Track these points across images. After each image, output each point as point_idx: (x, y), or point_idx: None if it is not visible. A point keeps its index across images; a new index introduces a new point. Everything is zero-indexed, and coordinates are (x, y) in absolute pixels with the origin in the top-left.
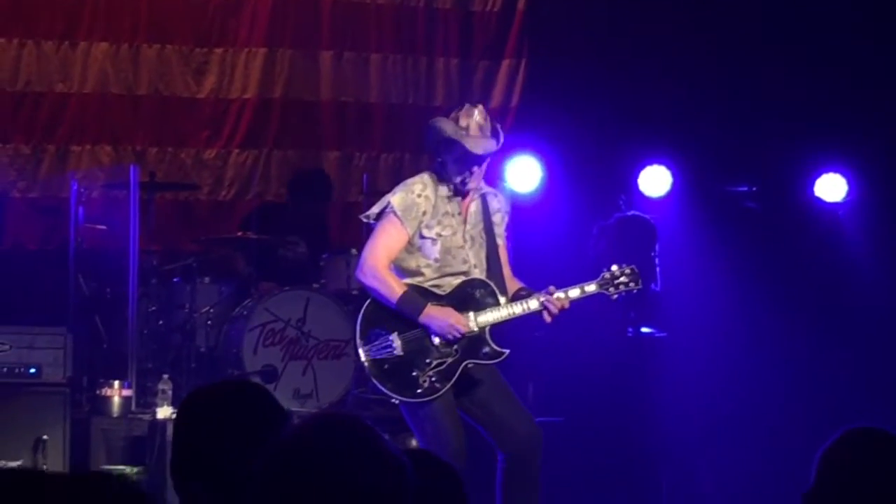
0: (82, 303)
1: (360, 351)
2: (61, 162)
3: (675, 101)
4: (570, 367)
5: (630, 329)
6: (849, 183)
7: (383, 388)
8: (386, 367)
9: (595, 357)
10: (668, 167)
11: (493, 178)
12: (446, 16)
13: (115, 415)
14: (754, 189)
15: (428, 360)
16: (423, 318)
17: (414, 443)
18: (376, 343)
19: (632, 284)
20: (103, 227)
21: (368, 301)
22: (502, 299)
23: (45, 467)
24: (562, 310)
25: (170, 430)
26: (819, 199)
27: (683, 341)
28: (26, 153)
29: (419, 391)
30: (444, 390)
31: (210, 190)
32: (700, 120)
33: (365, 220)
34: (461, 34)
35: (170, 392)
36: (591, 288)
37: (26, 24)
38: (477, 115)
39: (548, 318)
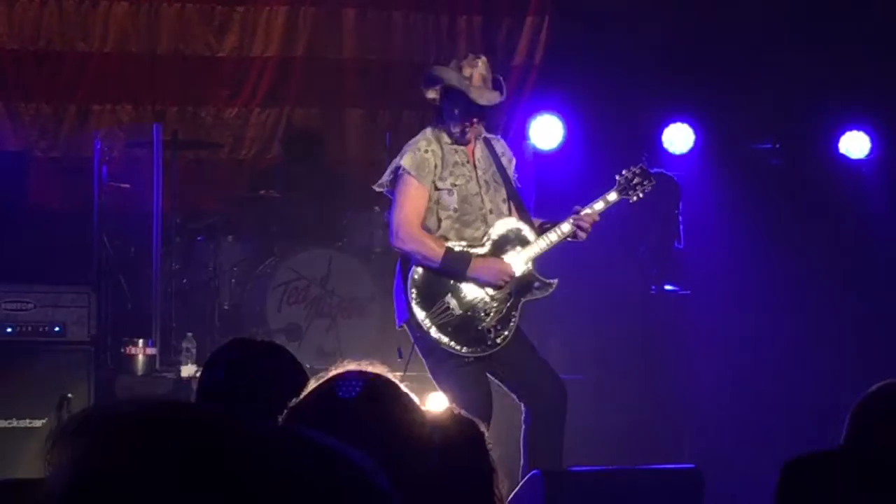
0: (106, 262)
1: (422, 320)
2: (82, 121)
3: (698, 58)
4: (594, 324)
5: (653, 286)
6: (872, 140)
7: (455, 349)
8: (450, 329)
9: (619, 314)
10: (692, 124)
11: (517, 136)
12: None
13: (139, 373)
14: (778, 146)
15: (487, 311)
16: (470, 272)
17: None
18: (434, 308)
19: (646, 183)
20: (127, 185)
21: (411, 269)
22: (533, 235)
23: None
24: (593, 224)
25: (194, 388)
26: (843, 156)
27: (707, 298)
28: (48, 112)
29: (489, 342)
30: (510, 334)
31: (231, 149)
32: (723, 77)
33: (379, 190)
34: None
35: (194, 350)
36: (612, 196)
37: None
38: (480, 65)
39: (583, 236)
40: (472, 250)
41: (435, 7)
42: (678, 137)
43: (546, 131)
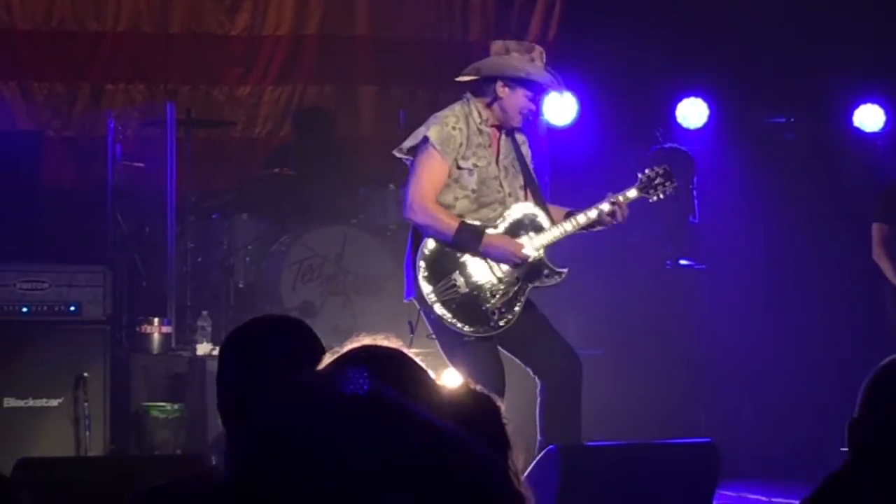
0: (121, 241)
1: (427, 294)
2: (95, 100)
3: (712, 32)
4: (610, 299)
5: (669, 261)
6: (887, 112)
7: (457, 327)
8: (454, 306)
9: (634, 289)
10: (705, 99)
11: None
12: None
13: (155, 352)
14: (792, 120)
15: (493, 292)
16: (483, 247)
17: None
18: (440, 284)
19: (668, 185)
20: (140, 164)
21: (423, 242)
22: (548, 222)
23: (86, 404)
24: (624, 216)
25: (209, 366)
26: (858, 130)
27: (722, 273)
28: (61, 92)
29: (492, 323)
30: (515, 318)
31: (244, 127)
32: (737, 51)
33: (398, 155)
34: None
35: (209, 329)
36: (632, 193)
37: None
38: (539, 57)
39: (608, 221)
40: (487, 229)
41: None
42: (692, 112)
43: (560, 108)
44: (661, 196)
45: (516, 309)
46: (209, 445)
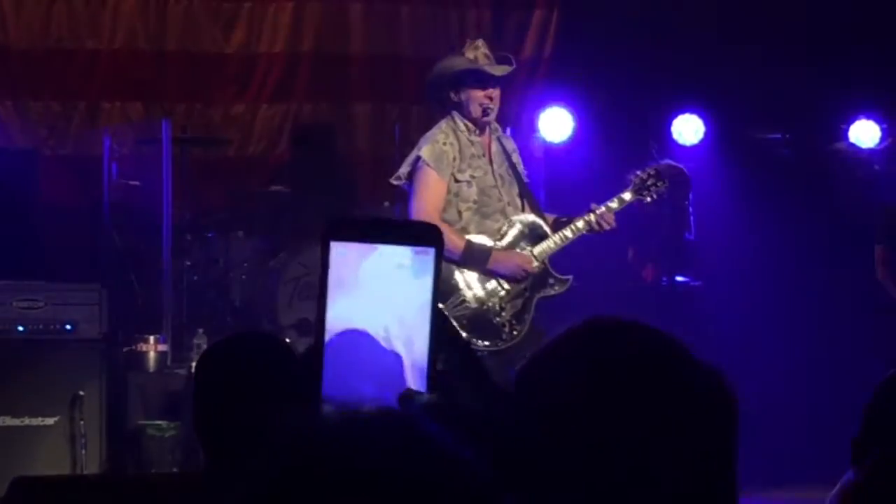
0: (117, 259)
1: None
2: (91, 118)
3: (707, 49)
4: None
5: (664, 278)
6: (882, 129)
7: (469, 343)
8: (465, 322)
9: (630, 306)
10: (701, 116)
11: (527, 129)
12: None
13: (150, 370)
14: (788, 136)
15: (502, 305)
16: (490, 265)
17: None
18: (449, 302)
19: (660, 184)
20: (136, 182)
21: None
22: (549, 231)
23: (82, 423)
24: (608, 223)
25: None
26: (853, 146)
27: (718, 290)
28: (57, 110)
29: (504, 336)
30: (525, 330)
31: (239, 145)
32: (732, 67)
33: (396, 183)
34: None
35: (205, 346)
36: (627, 196)
37: None
38: (481, 46)
39: (597, 229)
40: (491, 243)
41: (443, 1)
42: (688, 129)
43: (556, 124)
44: (655, 196)
45: (526, 319)
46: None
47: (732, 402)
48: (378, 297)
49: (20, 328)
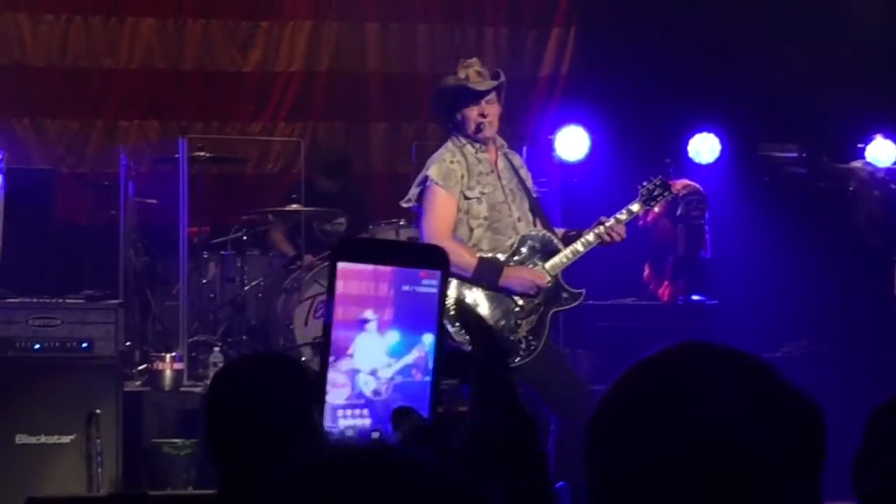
0: (133, 277)
1: (453, 333)
2: (109, 137)
3: (723, 68)
4: (622, 334)
5: (681, 296)
6: None
7: None
8: None
9: (646, 324)
10: (717, 134)
11: (544, 147)
12: None
13: (166, 388)
14: (804, 155)
15: (517, 321)
16: (502, 282)
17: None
18: None
19: (666, 194)
20: (153, 201)
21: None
22: (560, 245)
23: (98, 441)
24: (619, 235)
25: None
26: (870, 164)
27: (734, 308)
28: (74, 129)
29: (521, 352)
30: (541, 345)
31: (256, 163)
32: (749, 86)
33: (407, 206)
34: (510, 3)
35: (221, 365)
36: (635, 207)
37: (74, 1)
38: (474, 64)
39: (608, 241)
40: (503, 259)
41: (461, 19)
42: (704, 147)
43: (572, 143)
44: (662, 205)
45: (542, 334)
46: None
47: (824, 438)
48: (385, 319)
49: (37, 346)
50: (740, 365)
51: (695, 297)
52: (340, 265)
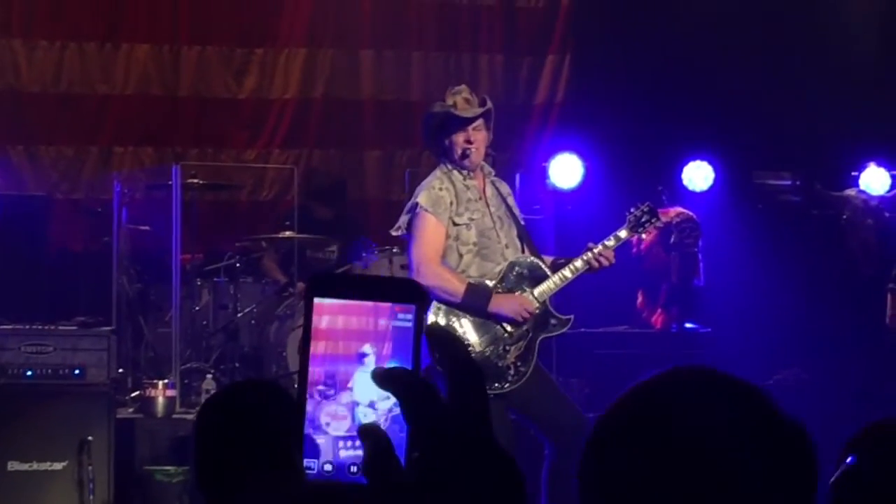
0: (126, 303)
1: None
2: (104, 163)
3: (717, 96)
4: (615, 362)
5: (674, 324)
6: (893, 176)
7: None
8: None
9: (639, 352)
10: (711, 162)
11: (538, 175)
12: (490, 12)
13: (159, 415)
14: (798, 182)
15: (506, 347)
16: (491, 308)
17: None
18: None
19: (654, 220)
20: (146, 227)
21: (430, 307)
22: (548, 272)
23: (90, 468)
24: (607, 260)
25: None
26: (864, 192)
27: (727, 336)
28: (69, 155)
29: (510, 378)
30: (530, 371)
31: (250, 190)
32: (742, 114)
33: (397, 234)
34: (505, 30)
35: (213, 391)
36: (623, 234)
37: (69, 27)
38: (463, 92)
39: (596, 267)
40: (491, 286)
41: (456, 46)
42: (697, 175)
43: (566, 170)
44: (649, 232)
45: (530, 360)
46: None
47: (814, 465)
48: (384, 353)
49: (29, 373)
50: (732, 390)
51: (688, 325)
52: (316, 301)
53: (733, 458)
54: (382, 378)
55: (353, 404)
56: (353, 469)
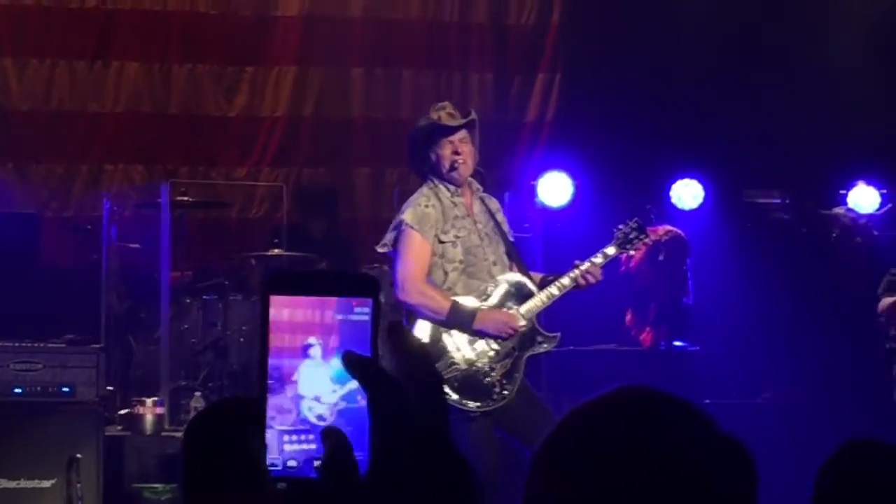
0: (115, 321)
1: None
2: (94, 181)
3: (706, 114)
4: (604, 380)
5: (663, 342)
6: (882, 194)
7: (462, 405)
8: (457, 384)
9: (628, 370)
10: (700, 180)
11: (527, 193)
12: (480, 30)
13: (148, 433)
14: (787, 201)
15: (492, 365)
16: (476, 324)
17: None
18: (439, 364)
19: (642, 237)
20: (136, 245)
21: (416, 325)
22: (535, 289)
23: (78, 486)
24: (594, 277)
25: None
26: (852, 211)
27: (716, 354)
28: (59, 173)
29: (495, 396)
30: (515, 388)
31: (240, 208)
32: (731, 133)
33: (382, 251)
34: (495, 48)
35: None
36: (610, 251)
37: (59, 45)
38: (446, 107)
39: (583, 284)
40: (477, 304)
41: (446, 64)
42: (687, 193)
43: (555, 188)
44: (637, 249)
45: (516, 378)
46: None
47: (753, 479)
48: (330, 346)
49: (17, 390)
50: (675, 409)
51: (677, 343)
52: (272, 298)
53: (678, 473)
54: (352, 364)
55: (297, 398)
56: (317, 464)
